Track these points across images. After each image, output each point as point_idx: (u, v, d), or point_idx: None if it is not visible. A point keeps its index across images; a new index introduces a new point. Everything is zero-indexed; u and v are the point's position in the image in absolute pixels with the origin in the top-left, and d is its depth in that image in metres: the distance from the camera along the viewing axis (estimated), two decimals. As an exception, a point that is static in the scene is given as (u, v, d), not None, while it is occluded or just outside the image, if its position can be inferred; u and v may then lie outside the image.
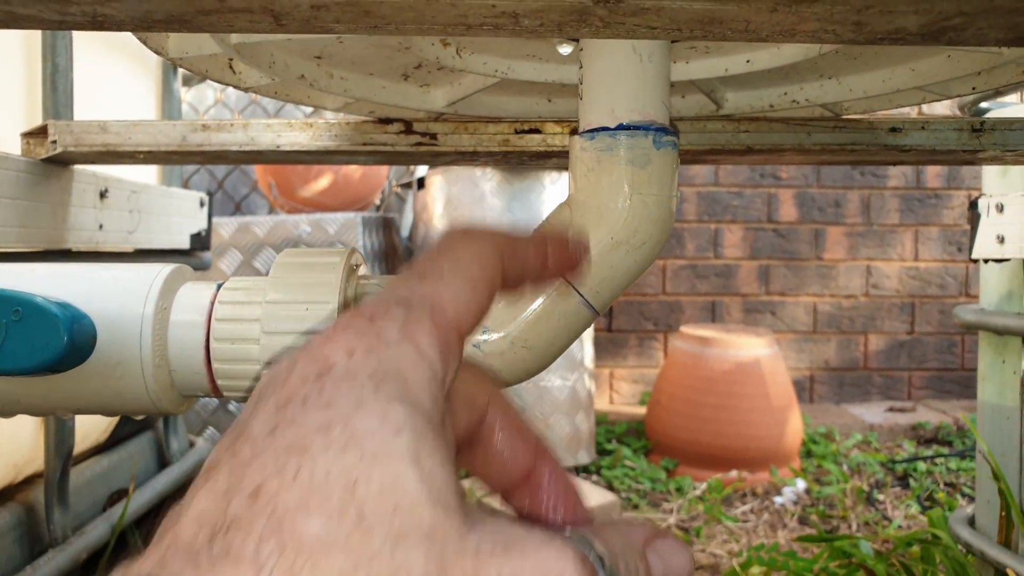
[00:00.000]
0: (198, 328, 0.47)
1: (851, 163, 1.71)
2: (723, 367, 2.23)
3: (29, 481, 0.92)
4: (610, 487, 2.15)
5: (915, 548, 1.27)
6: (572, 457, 2.25)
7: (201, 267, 1.21)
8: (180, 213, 1.11)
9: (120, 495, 1.04)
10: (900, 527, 1.86)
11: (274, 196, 2.46)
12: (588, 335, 2.40)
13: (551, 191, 2.27)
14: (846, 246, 2.95)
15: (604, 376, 2.93)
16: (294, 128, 0.69)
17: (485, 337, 0.47)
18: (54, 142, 0.72)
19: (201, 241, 1.19)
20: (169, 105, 1.19)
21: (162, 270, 0.48)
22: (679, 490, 2.16)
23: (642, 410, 2.73)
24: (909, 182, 2.93)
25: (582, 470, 2.27)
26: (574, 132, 0.49)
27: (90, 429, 1.05)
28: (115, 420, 1.10)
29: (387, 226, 2.51)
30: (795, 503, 2.15)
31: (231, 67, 0.57)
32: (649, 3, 0.30)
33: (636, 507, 2.04)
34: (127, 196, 0.93)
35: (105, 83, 1.06)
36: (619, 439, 2.51)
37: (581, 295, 0.46)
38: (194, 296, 0.48)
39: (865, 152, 0.60)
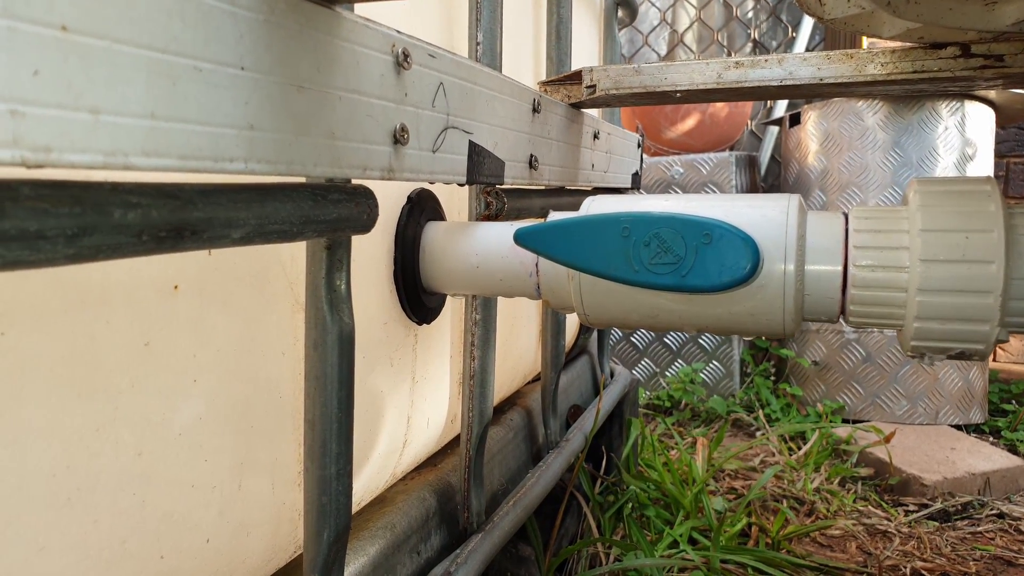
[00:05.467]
0: (835, 255, 0.49)
1: None
2: None
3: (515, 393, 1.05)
4: (1013, 450, 1.94)
5: None
6: (963, 414, 2.06)
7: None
8: (627, 153, 1.17)
9: (576, 409, 1.15)
10: None
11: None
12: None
13: (949, 123, 2.05)
14: None
15: (986, 330, 2.62)
16: (833, 60, 0.69)
17: None
18: (590, 87, 0.78)
19: (636, 180, 1.24)
20: (611, 47, 1.25)
21: (791, 199, 0.51)
22: (1103, 463, 1.88)
23: (1042, 370, 2.41)
24: None
25: (974, 429, 2.07)
26: None
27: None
28: (571, 344, 1.20)
29: (751, 164, 2.45)
30: None
31: (820, 1, 0.57)
32: None
33: (1046, 476, 1.82)
34: (606, 137, 0.99)
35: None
36: (1017, 399, 2.25)
37: None
38: (824, 224, 0.50)
39: None
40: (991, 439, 2.03)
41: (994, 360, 2.64)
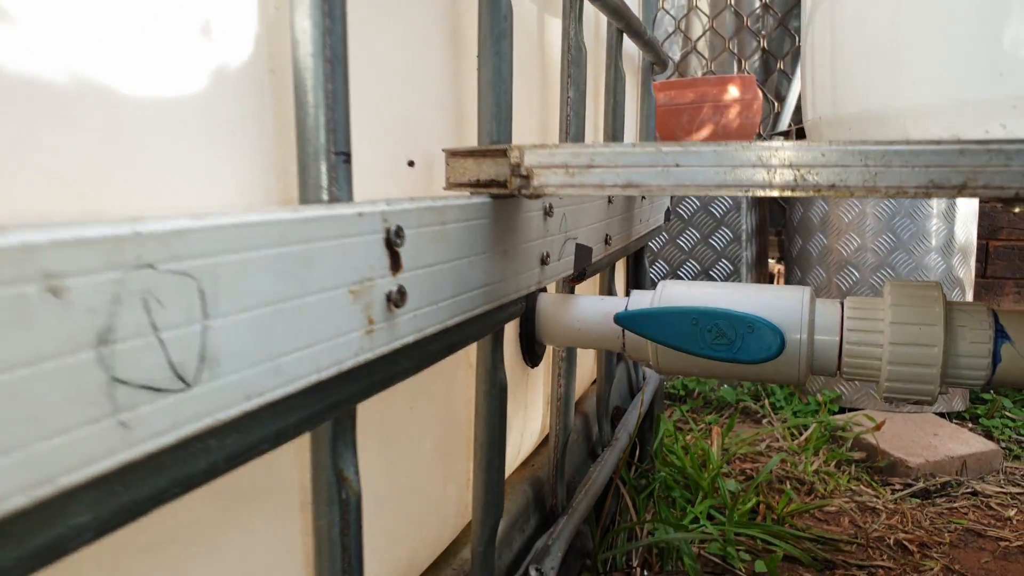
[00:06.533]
0: (834, 333, 0.72)
1: None
2: None
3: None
4: (988, 436, 2.19)
5: None
6: (947, 403, 2.31)
7: (659, 234, 1.50)
8: (663, 196, 1.40)
9: (618, 410, 1.39)
10: None
11: (658, 146, 2.73)
12: (968, 282, 2.39)
13: (940, 140, 2.27)
14: None
15: (973, 321, 2.86)
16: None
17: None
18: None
19: (668, 215, 1.47)
20: (647, 101, 1.47)
21: (804, 292, 0.74)
22: (1068, 447, 2.14)
23: (1020, 360, 2.66)
24: None
25: (956, 416, 2.32)
26: None
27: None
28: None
29: (759, 172, 2.66)
30: None
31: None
32: None
33: (1017, 457, 2.07)
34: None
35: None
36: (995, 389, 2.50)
37: None
38: (826, 311, 0.74)
39: None
40: (970, 425, 2.28)
41: (979, 350, 2.88)
